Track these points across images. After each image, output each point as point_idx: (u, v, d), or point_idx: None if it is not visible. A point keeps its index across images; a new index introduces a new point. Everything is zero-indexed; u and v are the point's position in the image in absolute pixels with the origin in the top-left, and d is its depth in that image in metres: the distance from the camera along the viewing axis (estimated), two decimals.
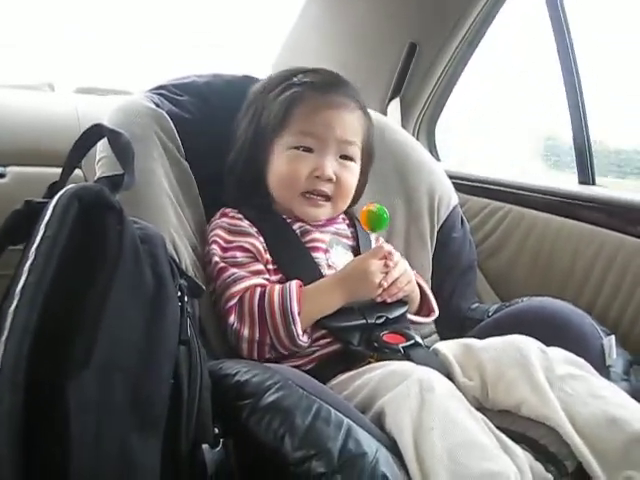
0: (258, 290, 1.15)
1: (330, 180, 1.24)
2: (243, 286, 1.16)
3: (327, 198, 1.27)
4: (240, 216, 1.26)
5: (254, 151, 1.28)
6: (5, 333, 0.65)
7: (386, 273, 1.18)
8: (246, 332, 1.13)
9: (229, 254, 1.21)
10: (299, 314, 1.12)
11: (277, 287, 1.15)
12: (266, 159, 1.28)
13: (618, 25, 1.96)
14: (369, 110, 1.37)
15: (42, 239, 0.70)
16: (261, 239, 1.23)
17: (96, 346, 0.66)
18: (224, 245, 1.22)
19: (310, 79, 1.27)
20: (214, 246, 1.22)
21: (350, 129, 1.27)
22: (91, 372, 0.65)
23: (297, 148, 1.24)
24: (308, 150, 1.24)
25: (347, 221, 1.39)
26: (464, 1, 1.89)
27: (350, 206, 1.36)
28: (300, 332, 1.12)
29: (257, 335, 1.13)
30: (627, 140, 2.09)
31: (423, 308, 1.36)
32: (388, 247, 1.23)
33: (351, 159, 1.28)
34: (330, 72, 1.33)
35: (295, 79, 1.28)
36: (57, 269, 0.68)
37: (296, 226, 1.29)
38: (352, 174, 1.29)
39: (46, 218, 0.72)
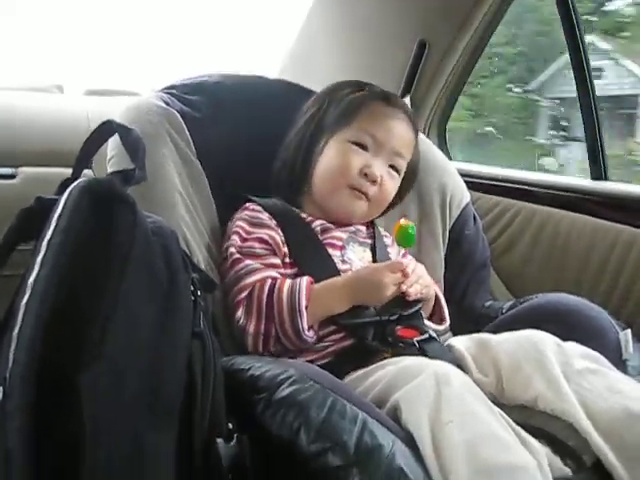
0: (269, 282, 1.15)
1: (375, 182, 1.27)
2: (255, 278, 1.17)
3: (367, 199, 1.29)
4: (260, 209, 1.27)
5: (311, 141, 1.32)
6: (17, 327, 0.65)
7: (401, 283, 1.17)
8: (253, 324, 1.13)
9: (247, 244, 1.22)
10: (306, 308, 1.12)
11: (288, 281, 1.16)
12: (320, 150, 1.31)
13: None
14: None
15: (54, 232, 0.70)
16: (280, 232, 1.24)
17: (108, 337, 0.66)
18: (244, 236, 1.23)
19: (377, 90, 1.36)
20: (234, 237, 1.23)
21: (405, 143, 1.33)
22: (103, 364, 0.65)
23: (354, 143, 1.27)
24: (363, 148, 1.27)
25: (366, 223, 1.39)
26: None
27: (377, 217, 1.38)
28: (306, 326, 1.12)
29: (263, 327, 1.13)
30: None
31: (435, 314, 1.35)
32: (407, 262, 1.23)
33: (397, 171, 1.32)
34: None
35: (364, 88, 1.35)
36: (69, 262, 0.68)
37: (316, 224, 1.30)
38: (394, 185, 1.33)
39: (58, 211, 0.71)
